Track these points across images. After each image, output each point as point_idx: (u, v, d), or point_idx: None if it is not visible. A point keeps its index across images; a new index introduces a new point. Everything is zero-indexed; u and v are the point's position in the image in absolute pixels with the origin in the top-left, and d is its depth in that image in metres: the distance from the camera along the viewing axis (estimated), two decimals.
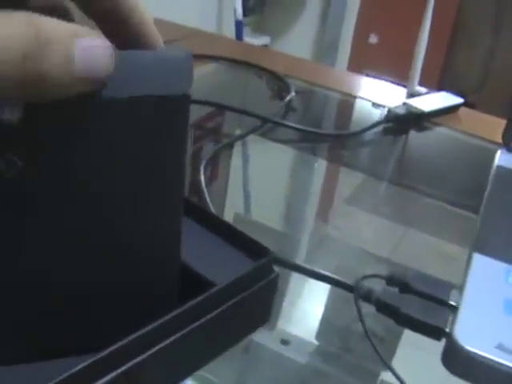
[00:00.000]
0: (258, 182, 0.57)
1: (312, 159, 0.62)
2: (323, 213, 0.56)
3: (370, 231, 0.51)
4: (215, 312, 0.30)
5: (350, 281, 0.37)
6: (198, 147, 0.58)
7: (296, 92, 0.70)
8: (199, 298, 0.29)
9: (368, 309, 0.36)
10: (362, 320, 0.34)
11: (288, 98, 0.68)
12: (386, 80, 0.83)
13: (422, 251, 0.49)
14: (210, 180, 0.52)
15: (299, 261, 0.40)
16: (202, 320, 0.29)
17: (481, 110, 0.76)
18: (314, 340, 0.36)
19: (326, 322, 0.38)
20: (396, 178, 0.61)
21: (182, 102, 0.25)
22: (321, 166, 0.62)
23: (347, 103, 0.77)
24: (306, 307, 0.40)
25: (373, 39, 2.88)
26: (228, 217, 0.50)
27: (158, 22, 0.25)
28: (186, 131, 0.26)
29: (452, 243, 0.50)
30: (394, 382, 0.32)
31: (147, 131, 0.25)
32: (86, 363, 0.24)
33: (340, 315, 0.35)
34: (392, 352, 0.36)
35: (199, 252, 0.33)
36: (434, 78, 2.61)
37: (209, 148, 0.56)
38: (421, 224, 0.52)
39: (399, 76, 1.29)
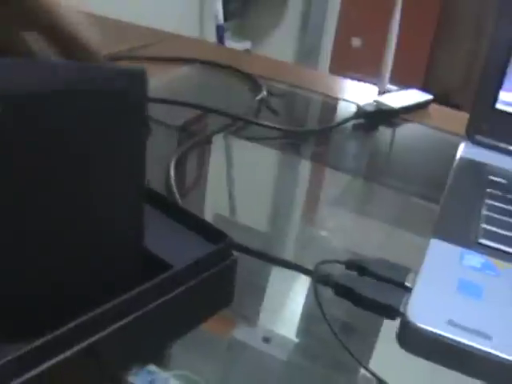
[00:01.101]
0: (228, 179, 0.59)
1: (282, 156, 0.63)
2: (296, 209, 0.57)
3: (340, 225, 0.53)
4: (174, 293, 0.31)
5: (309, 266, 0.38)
6: (168, 145, 0.58)
7: (270, 93, 0.72)
8: (158, 279, 0.30)
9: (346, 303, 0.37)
10: (319, 304, 0.36)
11: (259, 97, 0.70)
12: (370, 83, 0.84)
13: (392, 243, 0.50)
14: (180, 176, 0.53)
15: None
16: (161, 300, 0.30)
17: (466, 110, 0.77)
18: (295, 337, 0.37)
19: (306, 318, 0.38)
20: (365, 172, 0.62)
21: (139, 97, 0.27)
22: (291, 162, 0.63)
23: (323, 103, 0.78)
24: (287, 304, 0.40)
25: (356, 42, 2.91)
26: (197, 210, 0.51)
27: (135, 28, 0.27)
28: (144, 124, 0.28)
29: (419, 234, 0.51)
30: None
31: (108, 125, 0.27)
32: (42, 340, 0.25)
33: (319, 311, 0.36)
34: (371, 345, 0.37)
35: (159, 237, 0.34)
36: (419, 79, 2.64)
37: (180, 146, 0.57)
38: (391, 218, 0.54)
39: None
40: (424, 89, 0.78)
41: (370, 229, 0.52)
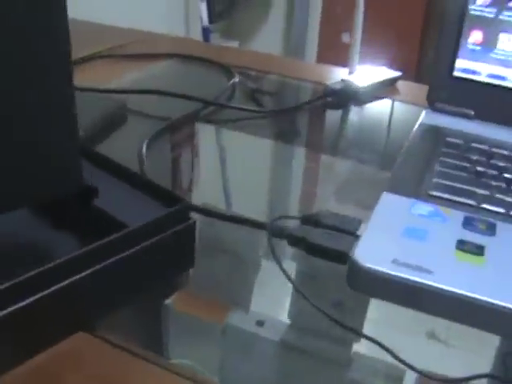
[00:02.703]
0: (199, 162, 0.61)
1: (250, 137, 0.65)
2: (264, 183, 0.59)
3: (308, 197, 0.55)
4: (130, 251, 0.33)
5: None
6: (142, 133, 0.60)
7: (243, 79, 0.74)
8: (113, 236, 0.32)
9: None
10: (275, 257, 0.38)
11: (231, 82, 0.72)
12: None
13: (350, 204, 0.52)
14: (154, 159, 0.55)
15: None
16: (118, 257, 0.33)
17: None
18: (287, 319, 0.38)
19: (297, 300, 0.39)
20: (329, 146, 0.64)
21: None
22: (258, 142, 0.64)
23: (293, 86, 0.81)
24: (278, 288, 0.41)
25: (346, 38, 2.91)
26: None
27: (114, 29, 0.28)
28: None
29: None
30: (366, 353, 0.35)
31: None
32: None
33: (310, 293, 0.37)
34: (360, 322, 0.38)
35: (118, 203, 0.36)
36: (412, 67, 2.64)
37: (151, 131, 0.59)
38: (352, 184, 0.56)
39: None
40: (417, 78, 0.80)
41: (332, 193, 0.54)
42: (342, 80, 0.73)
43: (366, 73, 0.76)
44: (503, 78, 0.58)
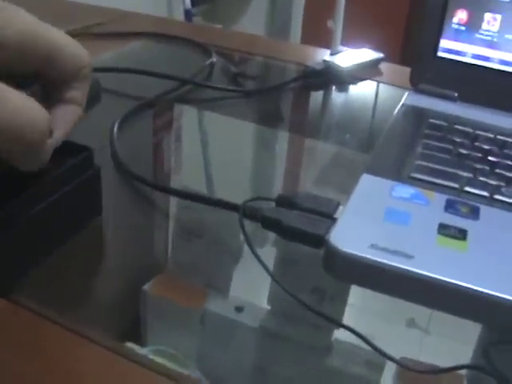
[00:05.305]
0: (175, 142, 0.59)
1: (227, 117, 0.63)
2: (246, 171, 0.57)
3: (287, 180, 0.53)
4: (38, 206, 0.33)
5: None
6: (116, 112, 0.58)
7: (223, 58, 0.72)
8: (27, 192, 0.32)
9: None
10: (247, 239, 0.36)
11: (208, 61, 0.70)
12: None
13: (330, 186, 0.50)
14: (127, 138, 0.53)
15: None
16: (26, 214, 0.33)
17: None
18: (266, 305, 0.37)
19: (276, 286, 0.38)
20: (309, 128, 0.63)
21: None
22: (237, 122, 0.62)
23: (280, 68, 0.79)
24: (256, 274, 0.39)
25: (332, 25, 2.90)
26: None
27: (90, 7, 0.27)
28: None
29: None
30: (347, 340, 0.34)
31: None
32: None
33: (289, 280, 0.36)
34: (341, 309, 0.37)
35: None
36: (396, 52, 2.64)
37: (124, 110, 0.57)
38: (333, 167, 0.54)
39: None
40: (402, 62, 0.78)
41: (312, 176, 0.52)
42: (324, 61, 0.71)
43: (348, 54, 0.74)
44: (488, 59, 0.57)
